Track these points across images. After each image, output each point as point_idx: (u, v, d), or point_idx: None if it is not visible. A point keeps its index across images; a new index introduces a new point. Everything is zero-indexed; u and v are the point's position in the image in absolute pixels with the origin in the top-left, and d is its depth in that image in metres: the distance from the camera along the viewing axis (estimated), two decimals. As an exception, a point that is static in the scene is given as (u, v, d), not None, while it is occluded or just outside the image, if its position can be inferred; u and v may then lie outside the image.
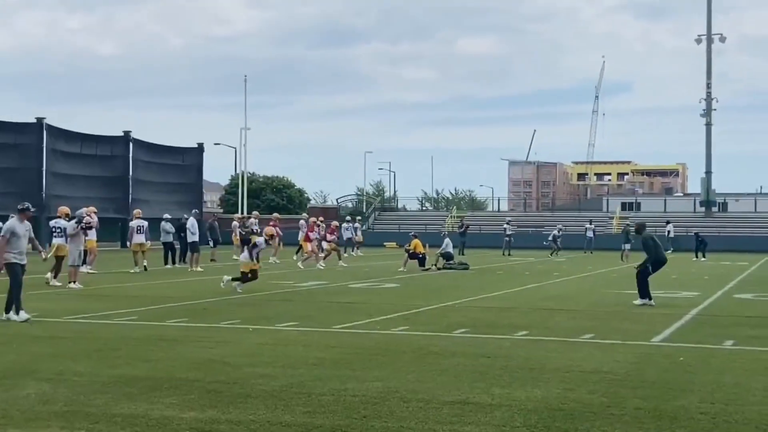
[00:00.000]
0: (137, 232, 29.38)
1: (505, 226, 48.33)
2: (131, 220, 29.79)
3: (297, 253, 36.12)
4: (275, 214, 40.64)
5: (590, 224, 53.11)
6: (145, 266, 28.34)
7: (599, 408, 8.04)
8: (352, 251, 44.02)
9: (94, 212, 27.04)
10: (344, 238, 43.28)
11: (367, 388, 8.84)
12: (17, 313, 14.50)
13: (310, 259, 32.02)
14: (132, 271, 27.88)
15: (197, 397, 8.39)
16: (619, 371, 9.99)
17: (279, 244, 35.37)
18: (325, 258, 32.77)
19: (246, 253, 21.28)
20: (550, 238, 47.86)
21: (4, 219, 16.30)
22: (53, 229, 23.93)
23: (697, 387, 9.11)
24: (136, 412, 7.78)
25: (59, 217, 23.79)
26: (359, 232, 47.40)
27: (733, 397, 8.60)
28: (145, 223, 29.67)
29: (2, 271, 15.16)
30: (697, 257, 42.76)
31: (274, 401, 8.23)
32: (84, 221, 22.87)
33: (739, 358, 11.18)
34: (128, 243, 29.66)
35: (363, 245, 48.12)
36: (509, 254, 44.66)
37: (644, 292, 18.03)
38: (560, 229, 49.10)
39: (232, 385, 8.98)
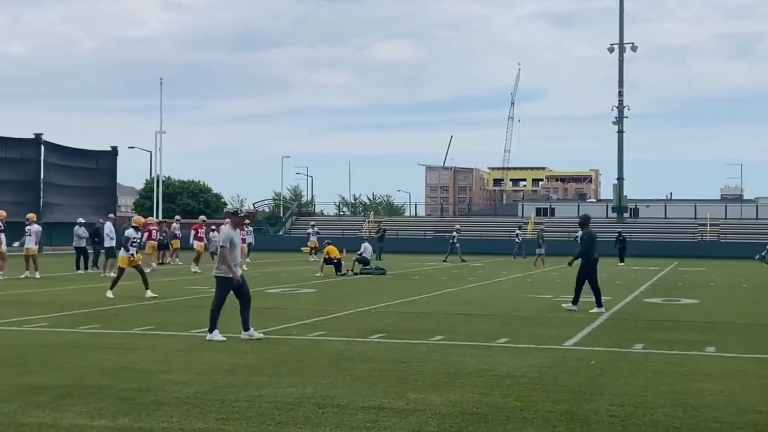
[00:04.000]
0: (28, 236, 28.62)
1: (454, 233, 47.31)
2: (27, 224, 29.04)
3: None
4: (202, 217, 40.24)
5: (519, 230, 53.41)
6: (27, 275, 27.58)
7: (512, 411, 8.14)
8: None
9: (4, 216, 26.43)
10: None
11: (282, 394, 8.81)
12: None
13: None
14: (21, 276, 27.16)
15: (109, 405, 8.25)
16: (532, 375, 10.13)
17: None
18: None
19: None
20: (454, 241, 46.74)
21: None
22: None
23: (607, 390, 9.29)
24: (45, 421, 7.61)
25: None
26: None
27: (642, 400, 8.79)
28: (36, 227, 28.91)
29: None
30: (623, 261, 42.89)
31: (187, 408, 8.14)
32: None
33: (648, 361, 11.41)
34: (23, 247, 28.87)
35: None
36: (462, 260, 44.18)
37: (577, 297, 18.26)
38: (458, 230, 48.37)
39: (145, 393, 8.85)
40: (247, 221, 44.97)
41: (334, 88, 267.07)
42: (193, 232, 36.47)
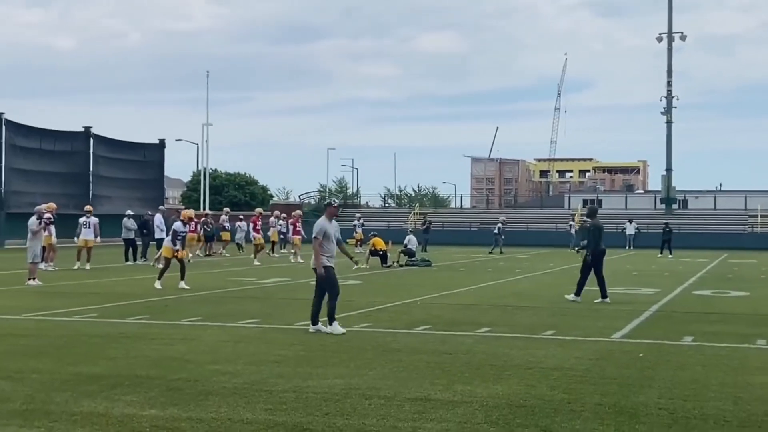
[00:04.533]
0: (85, 228, 28.93)
1: (499, 225, 47.22)
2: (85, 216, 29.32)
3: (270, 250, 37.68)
4: (259, 210, 40.10)
5: (573, 221, 53.10)
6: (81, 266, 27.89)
7: (560, 404, 8.10)
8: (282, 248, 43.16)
9: (54, 208, 26.77)
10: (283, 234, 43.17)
11: (329, 386, 8.84)
12: None
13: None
14: (75, 267, 27.45)
15: (158, 395, 8.34)
16: (579, 367, 10.06)
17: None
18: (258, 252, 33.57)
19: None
20: (497, 232, 46.75)
21: None
22: None
23: (656, 383, 9.20)
24: (96, 410, 7.72)
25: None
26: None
27: (692, 392, 8.70)
28: (94, 219, 29.20)
29: None
30: (662, 253, 42.64)
31: (235, 399, 8.20)
32: (45, 217, 22.61)
33: (697, 354, 11.30)
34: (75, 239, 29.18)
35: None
36: (501, 252, 44.17)
37: (581, 288, 18.20)
38: (503, 222, 48.25)
39: (194, 383, 8.94)
40: (297, 212, 45.24)
41: (379, 80, 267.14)
42: (251, 225, 36.20)
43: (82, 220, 28.99)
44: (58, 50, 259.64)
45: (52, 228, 27.15)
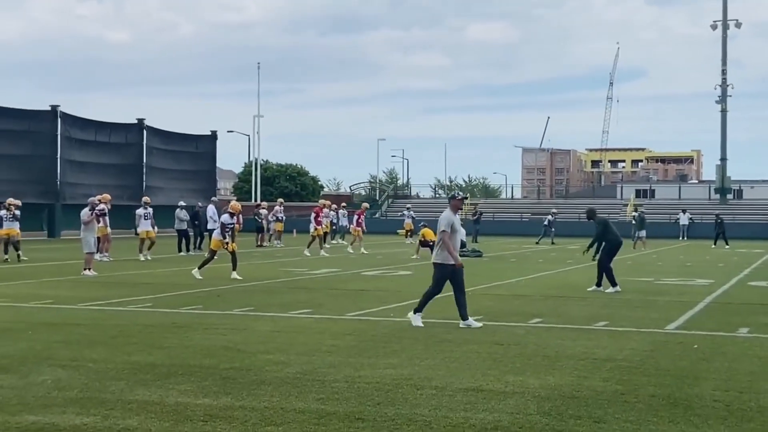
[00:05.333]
0: (144, 219, 29.27)
1: (549, 216, 47.05)
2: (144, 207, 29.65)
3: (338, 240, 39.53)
4: (323, 201, 38.35)
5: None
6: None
7: (613, 396, 8.03)
8: (341, 239, 42.97)
9: (108, 199, 27.15)
10: (338, 225, 43.19)
11: (381, 376, 8.85)
12: None
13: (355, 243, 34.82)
14: (142, 258, 27.82)
15: (211, 384, 8.42)
16: (633, 359, 9.97)
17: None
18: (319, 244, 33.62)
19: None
20: (547, 223, 46.44)
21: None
22: None
23: (711, 375, 9.09)
24: (151, 398, 7.81)
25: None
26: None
27: (748, 385, 8.58)
28: (151, 210, 29.52)
29: None
30: (716, 244, 42.04)
31: (287, 388, 8.25)
32: (98, 209, 22.90)
33: (753, 346, 11.14)
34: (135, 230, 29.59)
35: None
36: (552, 243, 43.81)
37: (612, 279, 18.11)
38: (554, 214, 47.93)
39: (246, 372, 9.01)
40: (343, 204, 45.39)
41: (428, 70, 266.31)
42: (313, 215, 34.47)
43: (140, 211, 29.32)
44: (112, 43, 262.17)
45: (107, 219, 27.52)
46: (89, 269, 21.78)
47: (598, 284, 18.25)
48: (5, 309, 14.57)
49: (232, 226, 21.26)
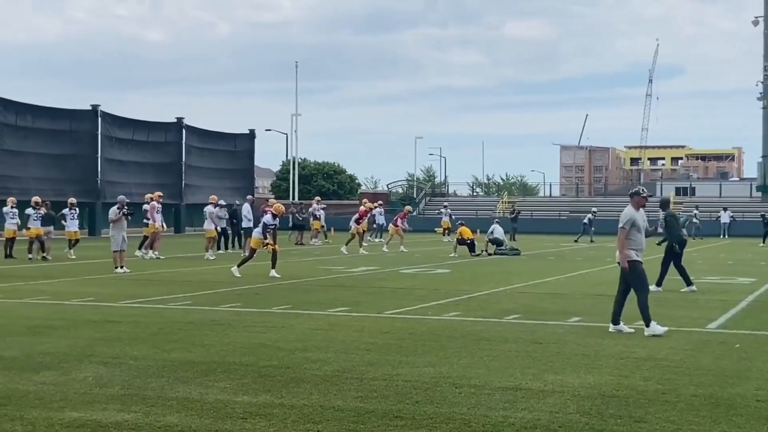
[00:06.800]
0: (218, 217, 29.69)
1: (589, 215, 46.79)
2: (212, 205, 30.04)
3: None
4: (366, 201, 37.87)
5: (697, 209, 52.18)
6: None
7: (654, 395, 7.96)
8: (378, 237, 42.59)
9: (159, 196, 27.57)
10: (376, 224, 43.06)
11: (419, 374, 8.85)
12: None
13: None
14: (211, 258, 27.61)
15: (250, 382, 8.46)
16: (673, 358, 9.88)
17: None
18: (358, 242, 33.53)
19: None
20: (587, 222, 46.11)
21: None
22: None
23: (753, 374, 8.98)
24: (191, 395, 7.86)
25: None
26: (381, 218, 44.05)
27: (791, 384, 8.47)
28: (211, 209, 29.78)
29: None
30: (764, 243, 41.06)
31: (326, 386, 8.26)
32: (125, 208, 23.03)
33: (796, 345, 11.00)
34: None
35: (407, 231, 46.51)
36: (591, 241, 43.50)
37: (687, 277, 17.88)
38: (594, 213, 47.54)
39: (285, 370, 9.04)
40: (379, 201, 45.24)
41: (465, 68, 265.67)
42: (356, 216, 34.16)
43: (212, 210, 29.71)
44: (150, 42, 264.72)
45: (159, 216, 27.81)
46: (121, 267, 21.93)
47: (688, 281, 17.88)
48: (47, 306, 14.75)
49: (274, 226, 21.29)
